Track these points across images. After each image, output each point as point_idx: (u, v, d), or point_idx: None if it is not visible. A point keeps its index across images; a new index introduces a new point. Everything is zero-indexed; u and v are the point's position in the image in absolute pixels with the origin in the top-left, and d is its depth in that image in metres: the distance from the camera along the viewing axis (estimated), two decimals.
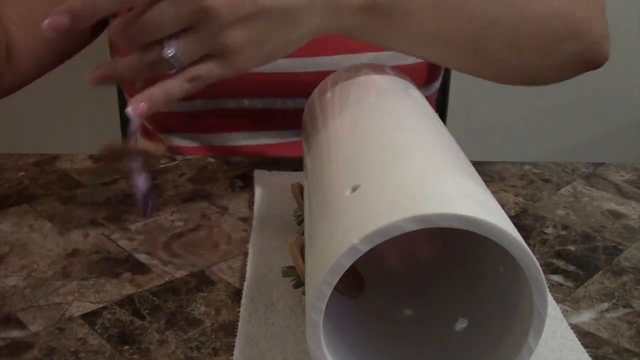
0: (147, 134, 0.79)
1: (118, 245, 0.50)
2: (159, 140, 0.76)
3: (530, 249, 0.32)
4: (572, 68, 0.62)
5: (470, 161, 0.40)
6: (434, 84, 0.80)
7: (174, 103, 0.47)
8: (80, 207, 0.55)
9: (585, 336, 0.42)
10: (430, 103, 0.74)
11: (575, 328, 0.42)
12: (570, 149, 1.46)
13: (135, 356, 0.39)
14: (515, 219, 0.55)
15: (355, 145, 0.40)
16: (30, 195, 0.57)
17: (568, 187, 0.61)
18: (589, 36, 0.61)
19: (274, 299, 0.43)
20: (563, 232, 0.53)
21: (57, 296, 0.44)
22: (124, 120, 1.06)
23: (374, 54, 0.69)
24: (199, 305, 0.43)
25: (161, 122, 0.74)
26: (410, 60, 0.71)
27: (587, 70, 0.63)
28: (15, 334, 0.40)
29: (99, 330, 0.41)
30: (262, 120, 0.72)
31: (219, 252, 0.49)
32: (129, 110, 0.44)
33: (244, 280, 0.45)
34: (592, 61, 0.62)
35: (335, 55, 0.69)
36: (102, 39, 0.74)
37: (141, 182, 0.48)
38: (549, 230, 0.54)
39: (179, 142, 0.74)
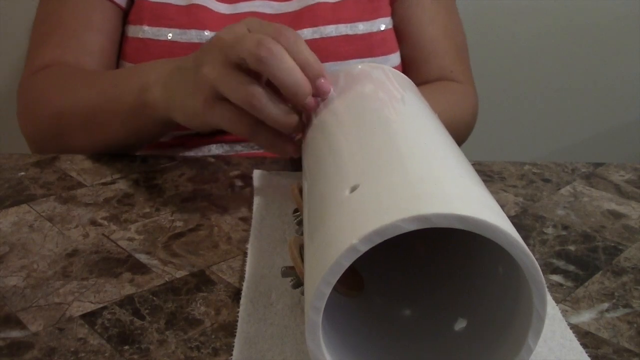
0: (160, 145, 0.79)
1: (118, 245, 0.50)
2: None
3: (530, 249, 0.32)
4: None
5: (470, 161, 0.40)
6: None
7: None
8: (80, 207, 0.55)
9: (585, 336, 0.42)
10: None
11: (575, 328, 0.42)
12: (570, 149, 1.46)
13: (135, 356, 0.39)
14: (515, 219, 0.55)
15: (355, 145, 0.40)
16: (30, 195, 0.57)
17: (568, 187, 0.61)
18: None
19: (273, 299, 0.43)
20: (563, 232, 0.53)
21: (57, 296, 0.44)
22: None
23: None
24: (198, 305, 0.43)
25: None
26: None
27: None
28: (15, 334, 0.40)
29: (99, 330, 0.41)
30: None
31: (219, 252, 0.49)
32: None
33: (244, 281, 0.45)
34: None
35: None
36: None
37: None
38: (549, 230, 0.54)
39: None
